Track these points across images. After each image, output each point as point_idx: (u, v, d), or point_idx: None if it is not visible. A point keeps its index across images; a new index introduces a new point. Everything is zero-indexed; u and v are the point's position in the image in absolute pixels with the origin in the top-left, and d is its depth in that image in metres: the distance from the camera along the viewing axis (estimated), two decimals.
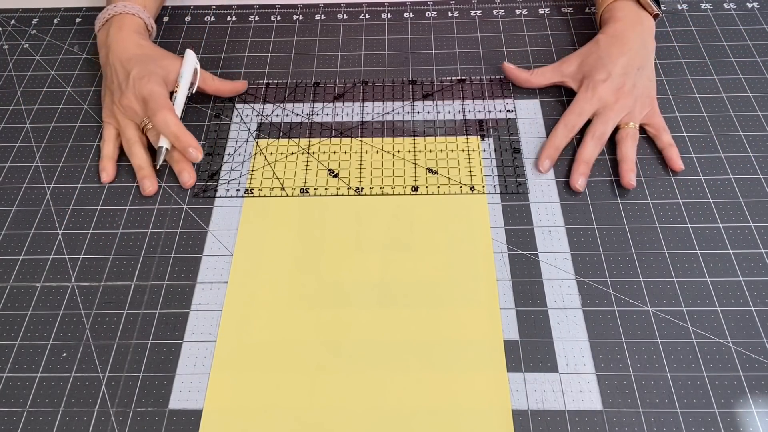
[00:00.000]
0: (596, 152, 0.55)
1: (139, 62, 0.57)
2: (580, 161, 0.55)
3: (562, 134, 0.56)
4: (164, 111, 0.54)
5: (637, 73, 0.57)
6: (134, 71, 0.56)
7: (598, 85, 0.57)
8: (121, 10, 0.60)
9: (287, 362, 0.46)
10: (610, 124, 0.56)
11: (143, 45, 0.59)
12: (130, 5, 0.61)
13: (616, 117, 0.56)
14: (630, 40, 0.58)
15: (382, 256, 0.51)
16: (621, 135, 0.56)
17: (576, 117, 0.56)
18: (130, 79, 0.56)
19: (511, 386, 0.44)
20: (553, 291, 0.49)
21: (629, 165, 0.54)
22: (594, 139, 0.55)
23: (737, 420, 0.42)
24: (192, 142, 0.54)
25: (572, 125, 0.56)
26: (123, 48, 0.58)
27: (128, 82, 0.56)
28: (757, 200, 0.53)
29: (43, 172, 0.58)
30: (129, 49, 0.58)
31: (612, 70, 0.57)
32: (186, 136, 0.54)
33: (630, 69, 0.57)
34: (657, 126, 0.57)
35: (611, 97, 0.56)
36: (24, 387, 0.45)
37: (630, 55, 0.57)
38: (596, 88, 0.56)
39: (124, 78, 0.57)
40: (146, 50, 0.59)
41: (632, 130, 0.56)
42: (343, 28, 0.69)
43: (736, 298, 0.48)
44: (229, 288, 0.50)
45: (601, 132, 0.55)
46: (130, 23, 0.60)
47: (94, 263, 0.51)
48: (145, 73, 0.56)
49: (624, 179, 0.54)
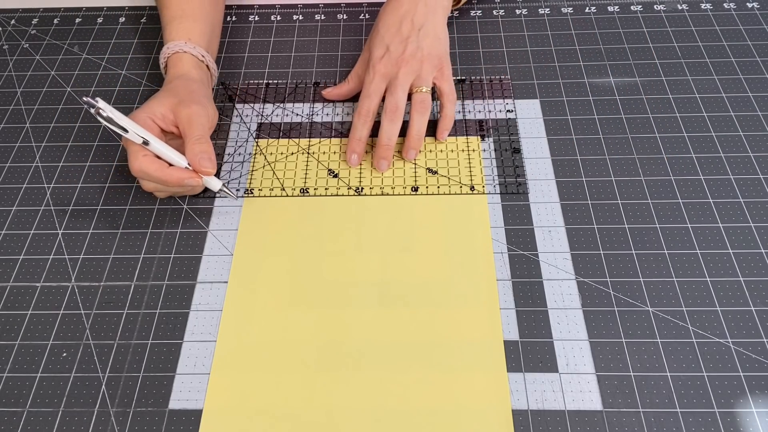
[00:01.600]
0: (396, 128, 0.55)
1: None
2: (380, 145, 0.55)
3: (360, 124, 0.56)
4: (136, 161, 0.49)
5: (420, 34, 0.56)
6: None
7: (377, 63, 0.56)
8: (166, 54, 0.57)
9: (287, 362, 0.46)
10: (398, 94, 0.55)
11: (173, 81, 0.55)
12: (173, 45, 0.57)
13: (404, 85, 0.55)
14: (404, 1, 0.58)
15: (382, 256, 0.51)
16: (412, 103, 0.56)
17: (367, 101, 0.56)
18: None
19: (511, 386, 0.44)
20: (553, 291, 0.49)
21: (411, 141, 0.55)
22: (387, 118, 0.55)
23: (737, 420, 0.42)
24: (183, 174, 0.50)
25: (366, 111, 0.56)
26: (165, 84, 0.56)
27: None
28: (757, 200, 0.53)
29: (43, 172, 0.58)
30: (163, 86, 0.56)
31: (389, 42, 0.56)
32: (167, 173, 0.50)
33: (409, 33, 0.56)
34: (444, 92, 0.57)
35: (393, 69, 0.56)
36: (24, 387, 0.45)
37: (407, 18, 0.57)
38: (376, 66, 0.56)
39: None
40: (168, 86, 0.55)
41: (422, 96, 0.55)
42: (343, 28, 0.69)
43: (736, 298, 0.48)
44: (229, 288, 0.50)
45: (392, 106, 0.55)
46: (174, 63, 0.57)
47: (94, 263, 0.51)
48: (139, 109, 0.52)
49: (402, 152, 0.56)
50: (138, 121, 0.50)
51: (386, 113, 0.55)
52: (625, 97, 0.61)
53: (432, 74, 0.56)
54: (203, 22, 0.60)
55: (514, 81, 0.63)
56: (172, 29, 0.59)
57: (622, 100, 0.61)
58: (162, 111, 0.52)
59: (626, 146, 0.57)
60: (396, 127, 0.55)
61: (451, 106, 0.57)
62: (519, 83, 0.63)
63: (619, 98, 0.61)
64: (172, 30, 0.59)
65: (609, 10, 0.69)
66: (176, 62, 0.57)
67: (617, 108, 0.60)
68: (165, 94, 0.53)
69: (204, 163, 0.50)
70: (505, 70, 0.64)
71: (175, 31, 0.58)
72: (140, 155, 0.49)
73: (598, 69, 0.63)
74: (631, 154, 0.56)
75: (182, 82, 0.55)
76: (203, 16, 0.60)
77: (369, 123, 0.56)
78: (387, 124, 0.55)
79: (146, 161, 0.49)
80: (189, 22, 0.59)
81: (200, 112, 0.52)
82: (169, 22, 0.59)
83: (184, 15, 0.59)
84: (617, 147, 0.57)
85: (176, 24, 0.59)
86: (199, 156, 0.50)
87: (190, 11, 0.60)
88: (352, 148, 0.56)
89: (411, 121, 0.56)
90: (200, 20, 0.60)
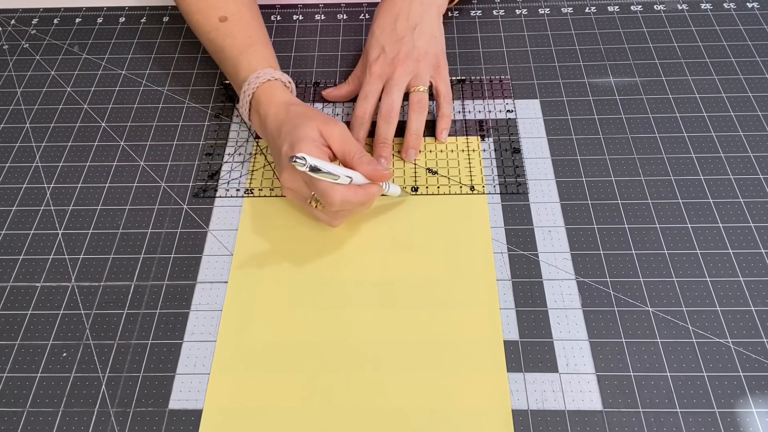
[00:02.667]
0: (392, 128, 0.55)
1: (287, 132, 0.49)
2: (376, 143, 0.55)
3: (357, 125, 0.56)
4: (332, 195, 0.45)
5: (415, 33, 0.56)
6: (285, 146, 0.48)
7: (373, 64, 0.56)
8: (256, 84, 0.52)
9: (287, 362, 0.46)
10: (393, 95, 0.55)
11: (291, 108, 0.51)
12: (262, 73, 0.53)
13: (399, 86, 0.55)
14: (398, 1, 0.57)
15: (382, 256, 0.51)
16: (409, 103, 0.56)
17: (363, 103, 0.56)
18: (282, 156, 0.48)
19: (511, 386, 0.44)
20: (553, 291, 0.49)
21: (409, 140, 0.55)
22: (383, 119, 0.55)
23: (737, 420, 0.42)
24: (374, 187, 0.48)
25: (362, 112, 0.56)
26: (274, 117, 0.51)
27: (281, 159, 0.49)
28: (757, 200, 0.53)
29: (43, 172, 0.58)
30: (279, 117, 0.51)
31: (384, 42, 0.56)
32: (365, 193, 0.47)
33: (404, 32, 0.56)
34: (440, 92, 0.57)
35: (389, 70, 0.55)
36: (24, 387, 0.45)
37: (402, 17, 0.56)
38: (372, 67, 0.56)
39: (277, 154, 0.50)
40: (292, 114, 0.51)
41: (420, 95, 0.55)
42: (343, 28, 0.69)
43: (736, 298, 0.48)
44: (229, 288, 0.50)
45: (387, 107, 0.55)
46: (270, 92, 0.52)
47: (94, 263, 0.51)
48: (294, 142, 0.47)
49: (401, 152, 0.55)
50: (313, 153, 0.45)
51: (381, 114, 0.55)
52: (625, 97, 0.61)
53: (429, 73, 0.56)
54: (270, 47, 0.57)
55: (514, 81, 0.63)
56: (250, 58, 0.54)
57: (622, 100, 0.61)
58: (317, 135, 0.48)
59: (626, 146, 0.57)
60: (392, 127, 0.55)
61: (448, 106, 0.57)
62: (519, 83, 0.63)
63: (619, 98, 0.61)
64: (251, 59, 0.54)
65: (609, 10, 0.69)
66: (271, 91, 0.52)
67: (617, 108, 0.60)
68: (304, 118, 0.49)
69: (385, 175, 0.48)
70: (505, 70, 0.64)
71: (255, 60, 0.54)
72: (338, 190, 0.45)
73: (598, 69, 0.63)
74: (631, 154, 0.56)
75: (303, 107, 0.51)
76: (267, 40, 0.58)
77: (366, 125, 0.56)
78: (383, 124, 0.55)
79: (346, 191, 0.45)
80: (263, 48, 0.56)
81: (345, 128, 0.49)
82: (241, 51, 0.55)
83: (256, 43, 0.56)
84: (617, 147, 0.57)
85: (252, 52, 0.55)
86: (375, 167, 0.47)
87: (257, 38, 0.56)
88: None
89: (409, 121, 0.56)
90: (269, 46, 0.57)
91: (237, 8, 0.57)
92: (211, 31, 0.57)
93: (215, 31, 0.57)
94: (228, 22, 0.56)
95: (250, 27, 0.57)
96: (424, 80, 0.56)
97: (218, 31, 0.57)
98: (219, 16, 0.57)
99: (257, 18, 0.59)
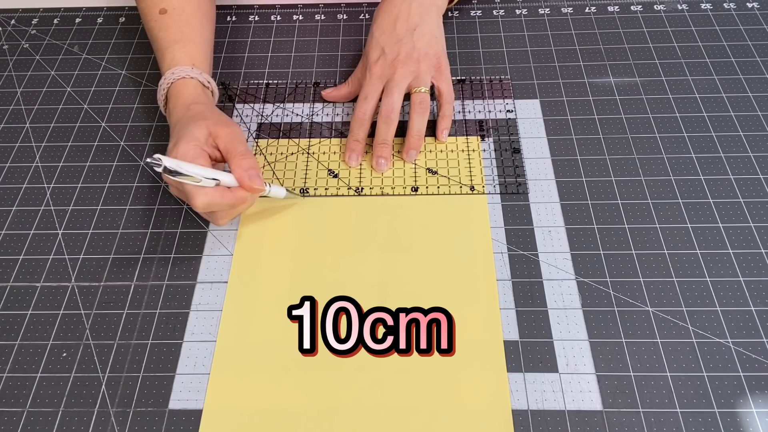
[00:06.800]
0: (392, 129, 0.55)
1: (177, 131, 0.49)
2: (376, 144, 0.55)
3: (357, 126, 0.56)
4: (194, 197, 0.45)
5: (415, 34, 0.56)
6: (170, 143, 0.49)
7: (373, 66, 0.56)
8: (171, 79, 0.53)
9: (287, 362, 0.46)
10: (393, 96, 0.55)
11: (191, 107, 0.52)
12: (178, 70, 0.54)
13: (400, 87, 0.55)
14: (397, 2, 0.57)
15: (382, 256, 0.51)
16: (411, 104, 0.56)
17: (364, 104, 0.56)
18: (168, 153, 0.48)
19: (511, 386, 0.44)
20: (553, 291, 0.49)
21: (410, 141, 0.55)
22: (383, 120, 0.55)
23: (737, 420, 0.42)
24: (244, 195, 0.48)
25: (362, 113, 0.56)
26: (175, 114, 0.52)
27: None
28: (757, 200, 0.53)
29: (43, 172, 0.58)
30: (179, 115, 0.51)
31: (384, 44, 0.56)
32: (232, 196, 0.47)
33: (404, 33, 0.56)
34: (442, 93, 0.57)
35: (389, 71, 0.55)
36: (24, 387, 0.45)
37: (401, 18, 0.56)
38: (372, 69, 0.56)
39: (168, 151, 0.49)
40: (190, 113, 0.51)
41: (421, 96, 0.55)
42: (343, 28, 0.69)
43: (736, 298, 0.48)
44: (229, 288, 0.50)
45: (387, 108, 0.55)
46: (179, 90, 0.53)
47: (94, 263, 0.51)
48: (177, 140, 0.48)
49: (402, 153, 0.55)
50: (188, 153, 0.46)
51: (381, 115, 0.55)
52: (625, 97, 0.61)
53: (430, 74, 0.56)
54: (205, 47, 0.57)
55: (514, 81, 0.63)
56: (174, 54, 0.55)
57: (622, 100, 0.61)
58: (204, 135, 0.48)
59: (626, 146, 0.57)
60: (392, 129, 0.55)
61: (449, 106, 0.57)
62: (519, 83, 0.63)
63: (619, 98, 0.61)
64: (175, 54, 0.55)
65: (609, 10, 0.69)
66: (182, 88, 0.53)
67: (617, 108, 0.60)
68: (196, 118, 0.49)
69: (255, 180, 0.47)
70: (505, 70, 0.64)
71: (178, 56, 0.55)
72: (201, 192, 0.45)
73: (598, 69, 0.63)
74: (631, 154, 0.56)
75: (203, 107, 0.52)
76: (203, 41, 0.58)
77: (366, 125, 0.56)
78: (383, 125, 0.55)
79: (210, 194, 0.46)
80: (191, 46, 0.56)
81: (239, 130, 0.49)
82: (168, 45, 0.56)
83: (186, 39, 0.56)
84: (617, 147, 0.57)
85: (179, 48, 0.55)
86: (249, 172, 0.47)
87: (191, 35, 0.57)
88: (351, 148, 0.56)
89: (410, 121, 0.56)
90: (201, 45, 0.57)
91: (179, 3, 0.58)
92: (150, 21, 0.58)
93: (153, 22, 0.58)
94: (166, 15, 0.57)
95: (187, 23, 0.57)
96: (425, 81, 0.56)
97: (156, 22, 0.58)
98: (160, 8, 0.58)
99: (199, 16, 0.59)
